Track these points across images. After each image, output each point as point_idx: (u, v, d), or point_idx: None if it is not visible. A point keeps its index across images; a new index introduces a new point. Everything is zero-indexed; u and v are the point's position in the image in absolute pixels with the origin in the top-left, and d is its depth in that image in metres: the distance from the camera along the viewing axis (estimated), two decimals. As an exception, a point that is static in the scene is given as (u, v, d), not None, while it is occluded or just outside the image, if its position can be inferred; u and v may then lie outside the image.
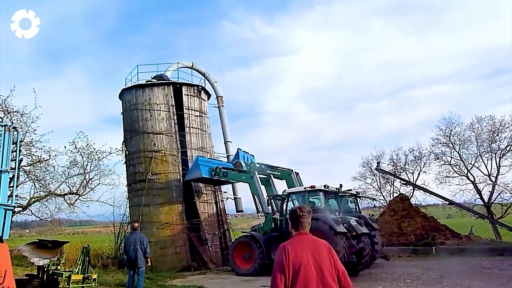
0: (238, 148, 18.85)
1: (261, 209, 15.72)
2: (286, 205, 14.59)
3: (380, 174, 27.09)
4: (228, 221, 21.01)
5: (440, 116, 28.88)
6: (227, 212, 21.19)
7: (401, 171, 27.92)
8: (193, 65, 22.38)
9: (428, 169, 27.27)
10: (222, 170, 16.97)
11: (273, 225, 14.92)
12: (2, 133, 6.97)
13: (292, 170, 17.91)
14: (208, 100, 21.45)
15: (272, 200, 15.68)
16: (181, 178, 18.20)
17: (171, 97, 18.93)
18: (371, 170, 28.90)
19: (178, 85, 19.33)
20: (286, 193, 14.93)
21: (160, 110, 18.67)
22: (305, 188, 14.49)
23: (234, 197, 21.52)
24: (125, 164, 19.57)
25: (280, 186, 17.45)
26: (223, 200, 20.47)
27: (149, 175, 17.83)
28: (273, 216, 15.05)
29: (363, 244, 13.17)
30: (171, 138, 18.55)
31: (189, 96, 19.41)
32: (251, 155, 19.17)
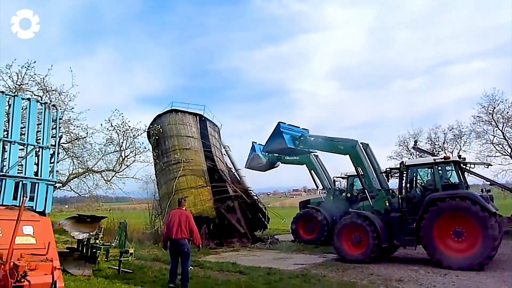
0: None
1: (366, 185, 13.53)
2: (406, 180, 12.38)
3: (418, 153, 26.16)
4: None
5: (482, 93, 26.96)
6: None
7: (440, 150, 26.84)
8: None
9: (468, 148, 25.89)
10: (308, 138, 14.64)
11: (387, 204, 12.70)
12: (43, 111, 7.06)
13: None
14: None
15: (382, 175, 13.58)
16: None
17: (199, 125, 21.28)
18: (408, 149, 27.98)
19: (203, 118, 21.74)
20: (404, 166, 12.54)
21: (191, 126, 21.01)
22: (434, 160, 12.12)
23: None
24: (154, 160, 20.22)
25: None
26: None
27: (184, 160, 19.09)
28: (392, 195, 13.09)
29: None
30: (200, 143, 20.58)
31: (212, 129, 22.06)
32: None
